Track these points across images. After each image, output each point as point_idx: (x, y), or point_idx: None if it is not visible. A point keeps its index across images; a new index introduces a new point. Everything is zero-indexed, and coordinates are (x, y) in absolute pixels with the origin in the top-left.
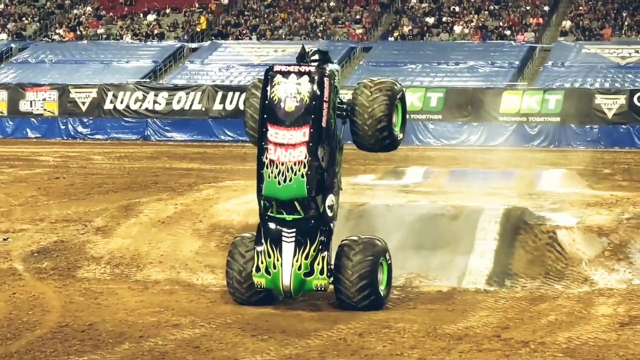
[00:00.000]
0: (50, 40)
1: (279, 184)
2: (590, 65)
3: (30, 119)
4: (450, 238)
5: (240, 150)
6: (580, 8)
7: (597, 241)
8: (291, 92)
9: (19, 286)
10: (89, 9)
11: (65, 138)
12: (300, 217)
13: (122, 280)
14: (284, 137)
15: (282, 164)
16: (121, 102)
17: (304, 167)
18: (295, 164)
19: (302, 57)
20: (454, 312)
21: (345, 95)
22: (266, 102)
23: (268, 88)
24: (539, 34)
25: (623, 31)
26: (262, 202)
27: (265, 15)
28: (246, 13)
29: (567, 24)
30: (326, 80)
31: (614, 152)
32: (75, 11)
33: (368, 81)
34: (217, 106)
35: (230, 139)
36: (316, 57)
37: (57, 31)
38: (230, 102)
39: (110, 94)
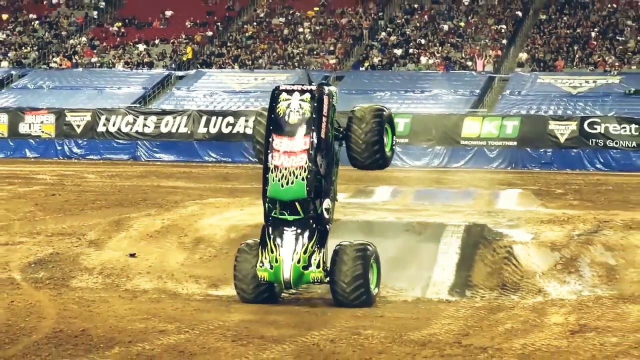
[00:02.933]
0: (48, 67)
1: (282, 186)
2: (544, 94)
3: (29, 140)
4: (415, 252)
5: (222, 170)
6: (536, 41)
7: (550, 255)
8: (295, 107)
9: (17, 294)
10: (84, 39)
11: (61, 158)
12: (300, 217)
13: (112, 289)
14: (287, 145)
15: (285, 169)
16: (113, 125)
17: (305, 171)
18: (297, 168)
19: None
20: (418, 320)
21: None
22: (272, 115)
23: (274, 104)
24: (497, 65)
25: (574, 63)
26: (266, 204)
27: (247, 46)
28: (229, 44)
29: (523, 56)
30: (325, 98)
31: (565, 173)
32: (71, 41)
33: (359, 111)
34: (202, 129)
35: (214, 159)
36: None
37: (54, 59)
38: (214, 126)
39: (103, 117)
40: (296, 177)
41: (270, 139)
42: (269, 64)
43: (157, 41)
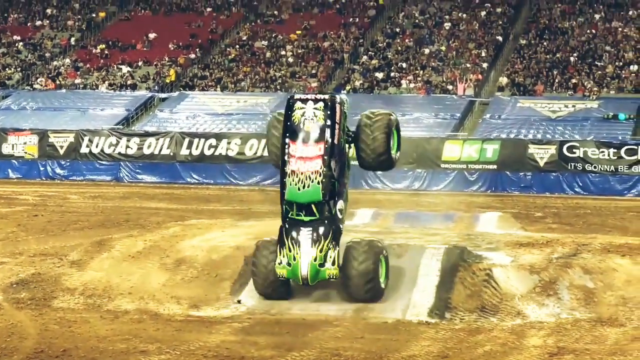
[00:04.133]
0: (31, 89)
1: (299, 190)
2: (524, 118)
3: (12, 161)
4: (395, 274)
5: (204, 192)
6: (516, 66)
7: (529, 278)
8: (309, 115)
9: None
10: (67, 60)
11: (44, 179)
12: (315, 218)
13: (94, 310)
14: (302, 151)
15: (302, 173)
16: (96, 147)
17: (320, 175)
18: (312, 173)
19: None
20: (398, 342)
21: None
22: (288, 123)
23: (289, 112)
24: (478, 89)
25: (554, 88)
26: (284, 206)
27: (229, 69)
28: (212, 67)
29: (503, 80)
30: (338, 106)
31: (545, 197)
32: (55, 62)
33: (367, 118)
34: (184, 151)
35: (196, 181)
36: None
37: (38, 81)
38: (196, 148)
39: (86, 138)
40: (312, 181)
41: (286, 145)
42: (252, 86)
43: (140, 63)
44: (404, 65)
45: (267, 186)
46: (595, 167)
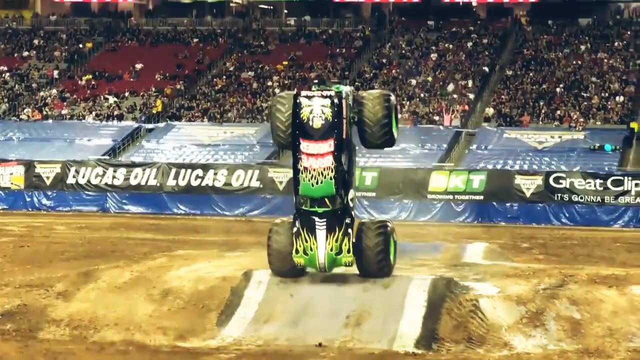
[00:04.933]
0: (18, 119)
1: (312, 185)
2: (510, 149)
3: None
4: (382, 305)
5: (191, 222)
6: (502, 97)
7: (516, 309)
8: (317, 112)
9: None
10: (54, 91)
11: (30, 210)
12: (329, 209)
13: (80, 341)
14: (314, 149)
15: (314, 170)
16: (83, 177)
17: (332, 171)
18: (324, 169)
19: (323, 82)
20: None
21: None
22: (297, 120)
23: (297, 110)
24: (464, 119)
25: (540, 119)
26: (298, 198)
27: (216, 100)
28: (198, 97)
29: (490, 111)
30: (344, 101)
31: (531, 228)
32: (41, 93)
33: (369, 95)
34: (171, 182)
35: (183, 212)
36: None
37: (24, 111)
38: (183, 179)
39: (72, 169)
40: (324, 177)
41: (297, 143)
42: (238, 117)
43: (127, 94)
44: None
45: (253, 217)
46: (581, 198)
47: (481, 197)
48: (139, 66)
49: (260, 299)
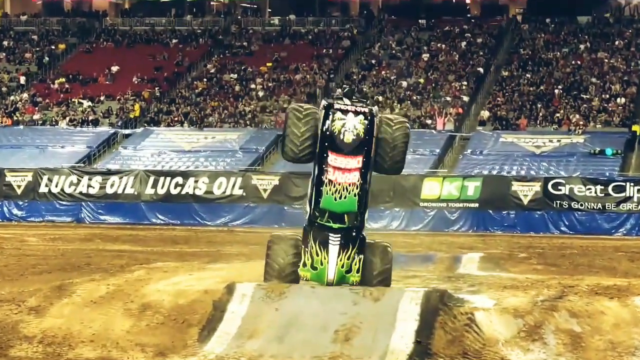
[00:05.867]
0: None
1: (335, 199)
2: (507, 154)
3: None
4: (372, 319)
5: (171, 233)
6: (498, 99)
7: (513, 322)
8: (350, 127)
9: None
10: (25, 95)
11: (0, 220)
12: (344, 226)
13: (54, 359)
14: (341, 163)
15: (339, 184)
16: (56, 186)
17: (357, 188)
18: (349, 185)
19: (352, 94)
20: None
21: None
22: (327, 132)
23: (328, 121)
24: (458, 123)
25: (538, 122)
26: (313, 211)
27: (196, 104)
28: (178, 101)
29: (485, 114)
30: (376, 119)
31: (529, 236)
32: (12, 97)
33: (387, 125)
34: (149, 190)
35: (162, 222)
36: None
37: None
38: (162, 187)
39: (45, 177)
40: (349, 193)
41: (325, 155)
42: (220, 122)
43: (102, 98)
44: (380, 98)
45: (236, 227)
46: (581, 205)
47: (476, 205)
48: (114, 68)
49: (244, 314)
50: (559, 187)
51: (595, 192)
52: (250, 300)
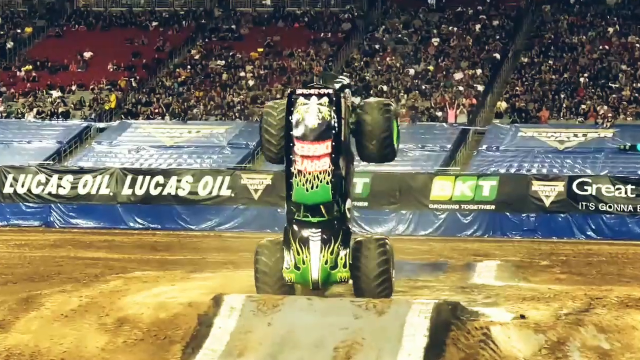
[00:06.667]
0: None
1: (307, 190)
2: (526, 150)
3: None
4: (376, 334)
5: (150, 238)
6: (516, 88)
7: (534, 338)
8: (313, 111)
9: None
10: None
11: None
12: (324, 219)
13: None
14: (309, 150)
15: (309, 173)
16: (22, 186)
17: (328, 175)
18: (320, 172)
19: (330, 78)
20: None
21: None
22: (291, 119)
23: (292, 108)
24: (472, 115)
25: (561, 114)
26: (289, 207)
27: (179, 94)
28: (158, 91)
29: (502, 105)
30: (342, 100)
31: (551, 242)
32: None
33: (368, 105)
34: (127, 191)
35: (140, 226)
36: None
37: None
38: (141, 187)
39: (10, 176)
40: (320, 181)
41: (291, 144)
42: (205, 114)
43: (74, 87)
44: (385, 88)
45: (224, 231)
46: (610, 207)
47: (492, 207)
48: (87, 55)
49: (233, 329)
50: (585, 187)
51: (626, 193)
52: (239, 314)
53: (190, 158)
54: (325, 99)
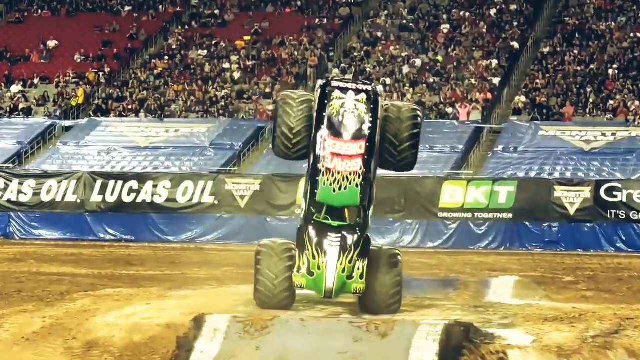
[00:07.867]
0: None
1: (334, 191)
2: (548, 151)
3: None
4: (379, 359)
5: (123, 251)
6: (537, 82)
7: None
8: (350, 107)
9: None
10: None
11: None
12: (345, 223)
13: None
14: (341, 148)
15: (338, 173)
16: None
17: (359, 177)
18: (350, 173)
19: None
20: None
21: None
22: (324, 114)
23: (326, 101)
24: (487, 112)
25: (587, 110)
26: (309, 206)
27: (155, 88)
28: (132, 85)
29: (520, 100)
30: (380, 99)
31: (576, 255)
32: None
33: (395, 108)
34: (96, 198)
35: (112, 237)
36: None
37: None
38: (112, 193)
39: None
40: (350, 183)
41: (322, 139)
42: (185, 111)
43: (36, 80)
44: (388, 81)
45: (205, 243)
46: None
47: (509, 215)
48: (52, 44)
49: (216, 353)
50: (614, 193)
51: None
52: (224, 337)
53: (168, 160)
54: (362, 96)
